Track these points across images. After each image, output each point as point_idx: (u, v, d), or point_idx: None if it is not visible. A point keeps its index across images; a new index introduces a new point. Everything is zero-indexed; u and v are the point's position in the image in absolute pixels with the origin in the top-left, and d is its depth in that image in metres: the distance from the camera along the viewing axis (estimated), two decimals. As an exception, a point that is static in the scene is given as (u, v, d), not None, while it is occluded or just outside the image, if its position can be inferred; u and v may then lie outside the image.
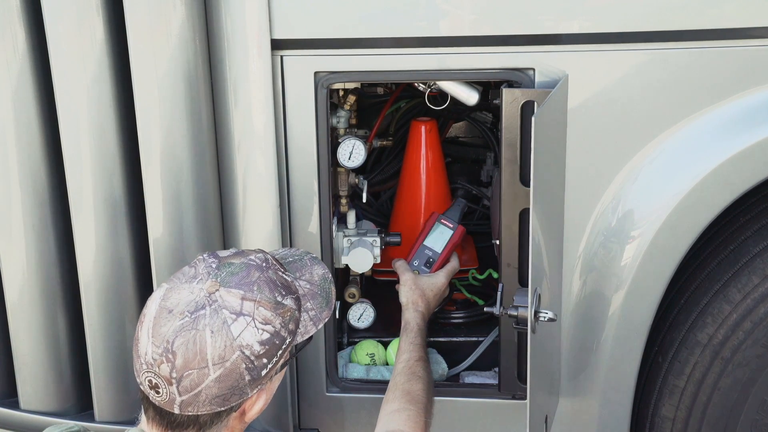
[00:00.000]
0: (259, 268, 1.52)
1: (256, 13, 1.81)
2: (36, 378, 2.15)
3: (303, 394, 2.13)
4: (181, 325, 1.42)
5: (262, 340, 1.45)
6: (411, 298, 2.10)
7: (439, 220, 2.28)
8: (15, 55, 1.92)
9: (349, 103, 2.15)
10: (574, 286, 1.97)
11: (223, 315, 1.43)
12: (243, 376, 1.44)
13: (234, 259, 1.54)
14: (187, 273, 1.51)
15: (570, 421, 2.08)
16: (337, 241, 2.18)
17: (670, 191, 1.86)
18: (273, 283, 1.52)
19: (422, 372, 1.91)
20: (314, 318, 1.60)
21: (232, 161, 1.93)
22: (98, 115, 1.91)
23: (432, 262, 2.23)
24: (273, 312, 1.48)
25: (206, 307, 1.44)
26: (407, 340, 1.99)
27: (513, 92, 1.82)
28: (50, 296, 2.09)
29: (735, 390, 1.94)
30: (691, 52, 1.81)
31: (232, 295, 1.46)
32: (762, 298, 1.89)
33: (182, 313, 1.43)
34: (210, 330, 1.42)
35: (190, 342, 1.41)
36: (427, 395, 1.86)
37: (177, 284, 1.49)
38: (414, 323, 2.03)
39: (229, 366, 1.43)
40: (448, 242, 2.25)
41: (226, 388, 1.44)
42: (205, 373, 1.42)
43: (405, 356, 1.94)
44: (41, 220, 2.03)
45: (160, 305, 1.46)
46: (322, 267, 1.71)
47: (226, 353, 1.42)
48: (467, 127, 2.85)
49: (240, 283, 1.48)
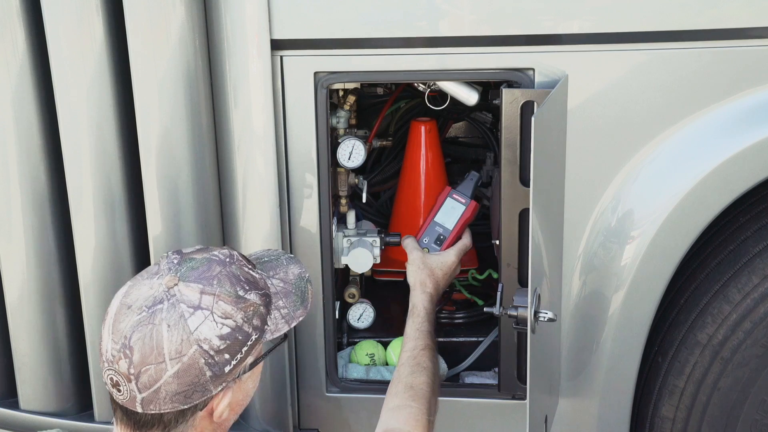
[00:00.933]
0: (221, 263, 1.50)
1: (255, 13, 1.81)
2: (36, 378, 2.15)
3: (303, 394, 2.13)
4: (139, 320, 1.41)
5: (221, 335, 1.43)
6: (419, 278, 2.03)
7: (450, 195, 2.20)
8: (15, 55, 1.92)
9: (348, 103, 2.15)
10: (573, 287, 1.97)
11: (181, 309, 1.42)
12: (203, 372, 1.42)
13: (196, 255, 1.52)
14: (150, 270, 1.51)
15: (570, 421, 2.08)
16: (337, 242, 2.18)
17: (669, 191, 1.86)
18: (235, 277, 1.49)
19: (427, 362, 1.86)
20: (287, 316, 1.57)
21: (231, 161, 1.93)
22: (98, 115, 1.91)
23: (443, 239, 2.16)
24: (234, 306, 1.46)
25: (164, 302, 1.42)
26: (413, 325, 1.94)
27: (513, 92, 1.82)
28: (50, 296, 2.09)
29: (735, 390, 1.94)
30: (691, 52, 1.81)
31: (191, 289, 1.44)
32: (762, 298, 1.89)
33: (140, 308, 1.42)
34: (167, 324, 1.40)
35: (147, 336, 1.40)
36: (431, 388, 1.82)
37: (139, 281, 1.48)
38: (421, 306, 1.97)
39: (186, 361, 1.40)
40: (460, 218, 2.18)
41: (186, 384, 1.41)
42: (163, 368, 1.40)
43: (410, 344, 1.90)
44: (41, 220, 2.03)
45: (120, 302, 1.45)
46: (299, 266, 1.68)
47: (183, 347, 1.40)
48: (467, 127, 2.85)
49: (200, 278, 1.46)
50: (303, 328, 2.08)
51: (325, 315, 2.06)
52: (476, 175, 2.25)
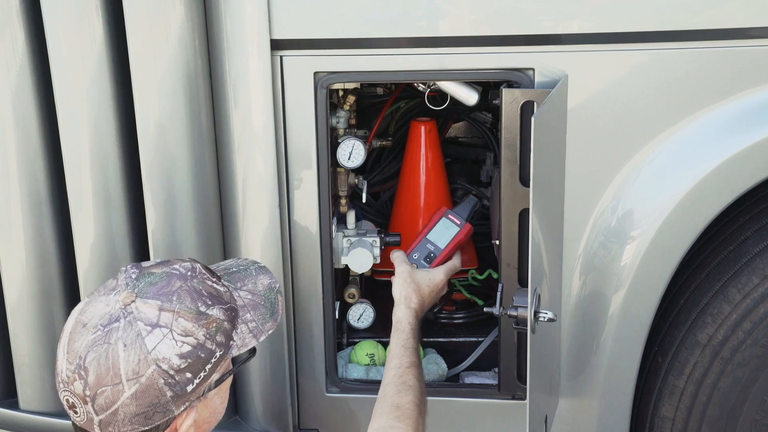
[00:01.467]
0: (182, 278, 1.45)
1: (255, 13, 1.81)
2: (36, 378, 2.15)
3: (303, 395, 2.13)
4: (94, 340, 1.36)
5: (182, 353, 1.37)
6: (404, 292, 1.98)
7: (446, 215, 2.18)
8: (14, 55, 1.92)
9: (348, 103, 2.15)
10: (573, 287, 1.97)
11: (138, 327, 1.36)
12: (163, 392, 1.36)
13: (156, 269, 1.46)
14: (108, 285, 1.45)
15: (570, 421, 2.08)
16: (337, 242, 2.18)
17: (669, 191, 1.86)
18: (197, 292, 1.44)
19: (413, 381, 1.79)
20: (254, 330, 1.51)
21: (231, 161, 1.93)
22: (97, 115, 1.91)
23: (432, 258, 2.14)
24: (194, 323, 1.40)
25: (121, 320, 1.37)
26: (398, 342, 1.88)
27: (512, 92, 1.82)
28: (49, 296, 2.09)
29: (735, 390, 1.94)
30: (691, 52, 1.81)
31: (149, 306, 1.39)
32: (762, 298, 1.89)
33: (95, 327, 1.37)
34: (123, 343, 1.35)
35: (102, 357, 1.35)
36: (418, 407, 1.75)
37: (96, 297, 1.43)
38: (405, 322, 1.91)
39: (145, 381, 1.35)
40: (453, 239, 2.16)
41: (146, 406, 1.36)
42: (120, 390, 1.35)
43: (395, 362, 1.84)
44: (40, 220, 2.03)
45: (76, 319, 1.40)
46: (268, 277, 1.62)
47: (140, 368, 1.35)
48: (467, 128, 2.85)
49: (158, 294, 1.40)
50: (303, 328, 2.08)
51: (325, 315, 2.06)
52: (475, 200, 2.25)
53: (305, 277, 2.02)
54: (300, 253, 2.01)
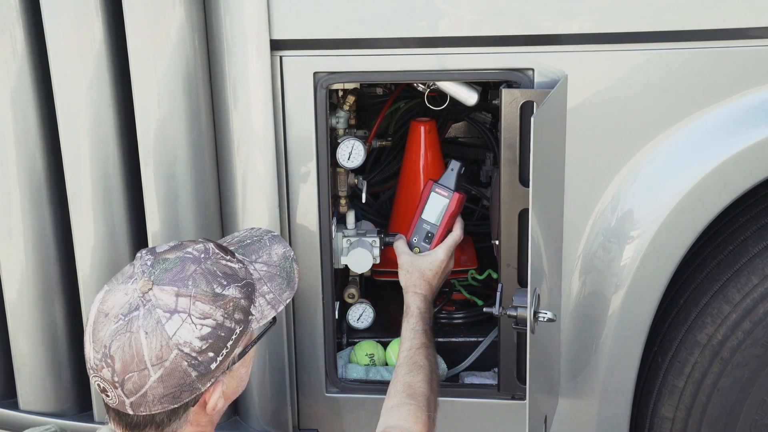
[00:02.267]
0: (195, 261, 1.48)
1: (255, 13, 1.81)
2: (35, 378, 2.15)
3: (302, 395, 2.13)
4: (116, 329, 1.40)
5: (202, 336, 1.42)
6: (410, 280, 2.02)
7: (433, 190, 2.13)
8: (14, 55, 1.92)
9: (348, 103, 2.15)
10: (573, 287, 1.97)
11: (157, 314, 1.40)
12: (188, 373, 1.41)
13: (170, 254, 1.50)
14: (126, 273, 1.49)
15: (569, 421, 2.08)
16: (337, 242, 2.17)
17: (669, 191, 1.86)
18: (212, 274, 1.47)
19: (423, 361, 1.86)
20: (272, 301, 1.56)
21: (231, 161, 1.93)
22: (97, 115, 1.91)
23: (432, 236, 2.11)
24: (212, 305, 1.44)
25: (140, 308, 1.41)
26: (408, 326, 1.94)
27: (512, 92, 1.82)
28: (49, 296, 2.09)
29: (734, 390, 1.94)
30: (691, 52, 1.81)
31: (166, 292, 1.42)
32: (761, 298, 1.89)
33: (116, 317, 1.41)
34: (144, 331, 1.39)
35: (126, 345, 1.39)
36: (429, 385, 1.82)
37: (115, 286, 1.46)
38: (414, 307, 1.97)
39: (169, 365, 1.40)
40: (445, 212, 2.11)
41: (173, 386, 1.41)
42: (146, 375, 1.39)
43: (406, 345, 1.90)
44: (40, 220, 2.03)
45: (98, 309, 1.44)
46: (282, 246, 1.67)
47: (163, 353, 1.39)
48: (466, 128, 2.85)
49: (174, 280, 1.44)
50: (303, 328, 2.08)
51: (324, 315, 2.06)
52: (457, 164, 2.15)
53: (305, 277, 2.02)
54: (300, 253, 2.00)
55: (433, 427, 1.79)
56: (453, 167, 2.16)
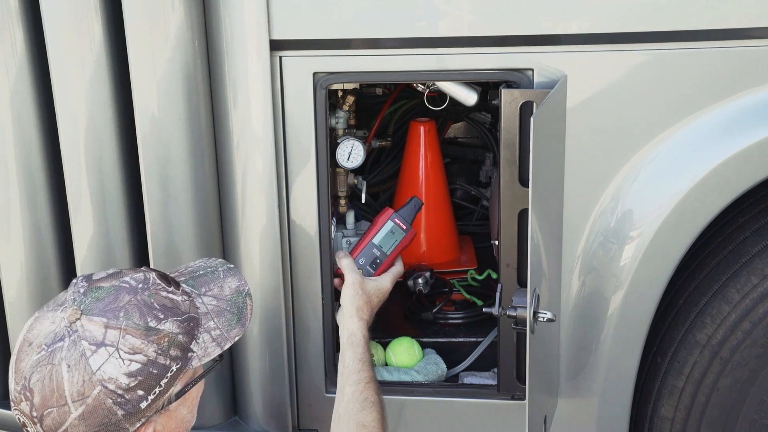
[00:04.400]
0: (131, 291, 1.39)
1: (254, 13, 1.81)
2: (35, 379, 2.15)
3: (302, 395, 2.13)
4: (38, 360, 1.32)
5: (130, 372, 1.33)
6: (356, 303, 1.93)
7: (392, 218, 2.11)
8: (13, 55, 1.92)
9: (348, 103, 2.15)
10: (573, 287, 1.97)
11: (82, 347, 1.32)
12: (113, 412, 1.33)
13: (104, 283, 1.41)
14: (59, 299, 1.41)
15: (569, 421, 2.08)
16: (336, 242, 2.17)
17: (669, 191, 1.86)
18: (147, 306, 1.39)
19: (374, 397, 1.79)
20: (218, 338, 1.47)
21: (230, 162, 1.93)
22: (96, 116, 1.90)
23: (378, 264, 2.08)
24: (143, 339, 1.35)
25: (65, 339, 1.33)
26: (354, 356, 1.85)
27: (512, 93, 1.82)
28: (48, 296, 2.07)
29: (734, 390, 1.94)
30: (690, 52, 1.81)
31: (94, 323, 1.34)
32: (761, 298, 1.89)
33: (39, 346, 1.33)
34: (66, 364, 1.31)
35: (47, 378, 1.31)
36: (381, 424, 1.76)
37: (44, 313, 1.39)
38: (360, 335, 1.88)
39: (91, 402, 1.32)
40: (398, 244, 2.10)
41: (96, 425, 1.33)
42: (66, 411, 1.31)
43: (354, 377, 1.82)
44: (39, 220, 2.03)
45: (24, 337, 1.37)
46: (237, 279, 1.58)
47: (85, 389, 1.31)
48: (466, 128, 2.85)
49: (104, 310, 1.36)
50: (303, 328, 2.08)
51: (324, 315, 2.06)
52: (420, 202, 2.17)
53: (304, 277, 2.02)
54: (299, 253, 2.01)
55: None
56: (416, 204, 2.15)
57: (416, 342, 2.20)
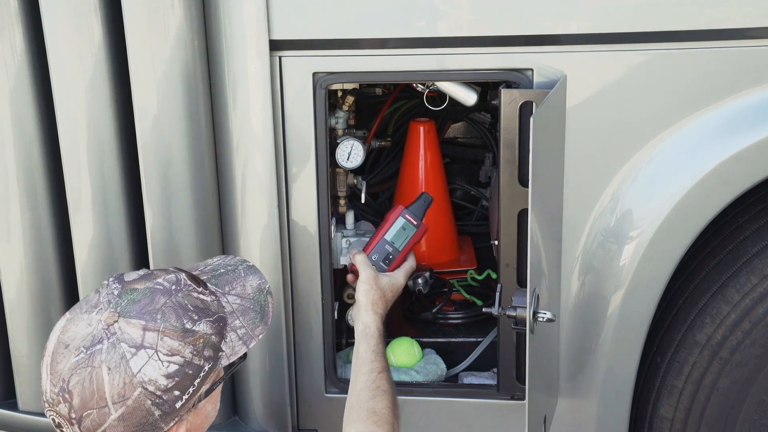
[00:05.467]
0: (165, 293, 1.40)
1: (254, 13, 1.81)
2: (34, 379, 2.15)
3: (302, 395, 2.13)
4: (77, 362, 1.33)
5: (168, 373, 1.34)
6: (371, 298, 1.95)
7: (403, 215, 2.13)
8: (13, 55, 1.92)
9: (347, 103, 2.15)
10: (572, 287, 1.97)
11: (122, 349, 1.33)
12: (151, 412, 1.34)
13: (138, 284, 1.42)
14: (90, 301, 1.41)
15: (569, 421, 2.08)
16: (336, 242, 2.18)
17: (668, 191, 1.87)
18: (182, 308, 1.40)
19: (387, 386, 1.80)
20: (244, 336, 1.48)
21: (230, 162, 1.93)
22: (96, 116, 1.90)
23: (391, 260, 2.10)
24: (181, 341, 1.37)
25: (104, 341, 1.33)
26: (368, 347, 1.87)
27: (511, 93, 1.82)
28: (48, 297, 2.09)
29: (733, 390, 1.94)
30: (690, 52, 1.81)
31: (132, 326, 1.35)
32: (760, 298, 1.89)
33: (78, 349, 1.34)
34: (107, 366, 1.32)
35: (86, 380, 1.32)
36: (392, 411, 1.76)
37: (77, 314, 1.39)
38: (374, 327, 1.90)
39: (131, 404, 1.32)
40: (410, 240, 2.12)
41: (134, 426, 1.34)
42: (106, 413, 1.32)
43: (367, 367, 1.83)
44: (39, 220, 2.03)
45: (58, 339, 1.37)
46: (258, 277, 1.58)
47: (126, 391, 1.32)
48: (466, 128, 2.85)
49: (142, 312, 1.36)
50: (302, 328, 2.08)
51: (324, 316, 2.06)
52: (429, 198, 2.18)
53: (304, 277, 2.02)
54: (299, 253, 2.01)
55: None
56: (426, 200, 2.16)
57: (416, 342, 2.20)
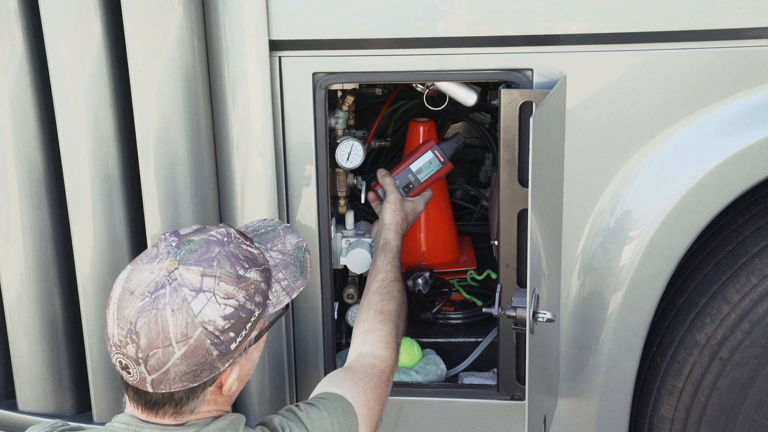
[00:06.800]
0: (219, 243, 1.52)
1: (254, 13, 1.81)
2: (34, 379, 2.15)
3: (302, 395, 2.13)
4: (142, 306, 1.43)
5: (225, 315, 1.46)
6: (395, 218, 2.12)
7: (432, 150, 2.24)
8: (13, 55, 1.92)
9: (347, 103, 2.15)
10: (572, 287, 1.97)
11: (183, 293, 1.44)
12: (210, 352, 1.45)
13: (194, 236, 1.54)
14: (149, 253, 1.52)
15: (569, 421, 2.08)
16: (336, 242, 2.18)
17: (668, 191, 1.87)
18: (234, 257, 1.51)
19: (397, 293, 1.97)
20: (287, 288, 1.61)
21: (230, 162, 1.93)
22: (96, 116, 1.90)
23: (411, 188, 2.21)
24: (235, 286, 1.48)
25: (166, 286, 1.45)
26: (386, 259, 2.03)
27: (511, 93, 1.82)
28: (48, 297, 2.09)
29: (733, 390, 1.94)
30: (690, 52, 1.81)
31: (192, 272, 1.46)
32: (760, 298, 1.89)
33: (143, 294, 1.44)
34: (170, 308, 1.43)
35: (152, 322, 1.43)
36: (398, 314, 1.93)
37: (139, 265, 1.50)
38: (394, 244, 2.07)
39: (193, 343, 1.43)
40: (433, 174, 2.23)
41: (195, 365, 1.44)
42: (170, 351, 1.43)
43: (381, 276, 2.00)
44: (39, 220, 2.03)
45: (123, 287, 1.47)
46: (296, 236, 1.72)
47: (188, 330, 1.43)
48: (465, 128, 2.85)
49: (199, 260, 1.48)
50: (302, 328, 2.08)
51: (324, 316, 2.06)
52: (461, 139, 2.31)
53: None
54: (299, 253, 2.01)
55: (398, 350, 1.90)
56: (458, 140, 2.29)
57: (416, 342, 2.20)
